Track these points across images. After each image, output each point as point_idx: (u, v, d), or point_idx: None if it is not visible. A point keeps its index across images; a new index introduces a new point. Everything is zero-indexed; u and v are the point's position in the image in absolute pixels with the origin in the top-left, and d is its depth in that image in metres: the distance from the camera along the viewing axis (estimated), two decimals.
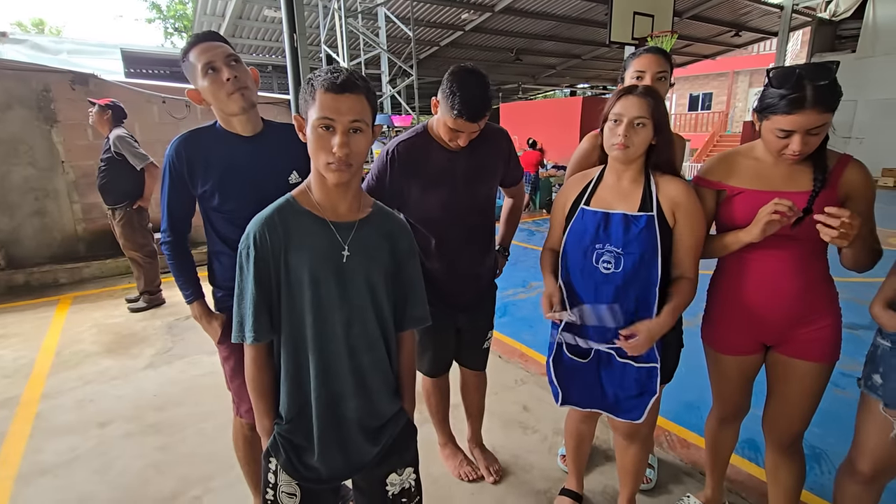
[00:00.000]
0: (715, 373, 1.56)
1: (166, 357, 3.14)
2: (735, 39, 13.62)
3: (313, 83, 0.96)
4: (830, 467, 2.01)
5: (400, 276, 1.12)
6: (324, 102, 0.94)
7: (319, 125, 0.95)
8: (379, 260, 1.07)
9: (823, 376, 1.37)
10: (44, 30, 23.19)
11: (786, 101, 1.15)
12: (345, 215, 1.05)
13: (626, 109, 1.29)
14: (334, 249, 1.02)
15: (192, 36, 1.34)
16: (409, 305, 1.14)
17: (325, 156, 0.96)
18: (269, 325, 1.03)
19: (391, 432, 1.15)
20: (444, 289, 1.70)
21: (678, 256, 1.36)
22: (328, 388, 1.05)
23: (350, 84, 0.94)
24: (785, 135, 1.19)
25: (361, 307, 1.05)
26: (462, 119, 1.44)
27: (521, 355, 3.10)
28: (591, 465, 2.07)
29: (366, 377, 1.08)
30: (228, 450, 2.07)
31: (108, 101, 3.73)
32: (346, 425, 1.08)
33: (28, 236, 4.76)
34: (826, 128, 1.19)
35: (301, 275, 1.00)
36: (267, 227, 1.00)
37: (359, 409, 1.08)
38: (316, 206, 1.04)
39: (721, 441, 1.67)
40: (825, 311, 1.34)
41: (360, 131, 0.97)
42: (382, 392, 1.11)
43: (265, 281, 1.01)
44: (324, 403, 1.05)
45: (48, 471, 2.09)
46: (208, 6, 9.09)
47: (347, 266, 1.02)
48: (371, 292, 1.06)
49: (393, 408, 1.15)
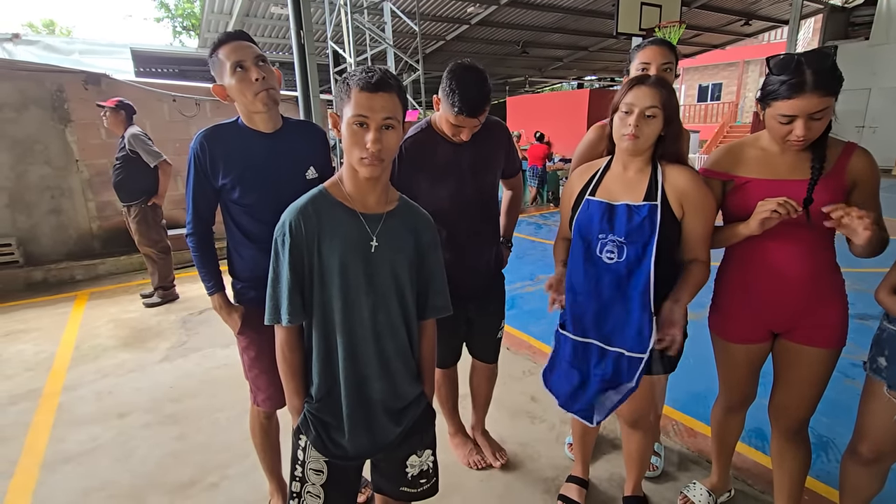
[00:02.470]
0: (722, 361, 1.58)
1: (181, 350, 3.21)
2: (745, 28, 13.40)
3: (349, 82, 1.02)
4: (838, 455, 2.02)
5: (422, 267, 1.17)
6: (358, 101, 0.99)
7: (354, 122, 1.00)
8: (404, 251, 1.12)
9: (830, 362, 1.39)
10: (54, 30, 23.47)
11: (786, 86, 1.17)
12: (373, 207, 1.11)
13: (637, 99, 1.29)
14: (363, 239, 1.08)
15: (222, 34, 1.38)
16: (430, 295, 1.20)
17: (358, 151, 1.02)
18: (301, 309, 1.09)
19: (413, 414, 1.20)
20: (453, 279, 1.73)
21: (689, 245, 1.38)
22: (356, 369, 1.12)
23: (383, 83, 1.00)
24: (787, 120, 1.20)
25: (386, 295, 1.10)
26: (462, 115, 1.49)
27: (529, 347, 3.13)
28: (598, 453, 2.10)
29: (390, 361, 1.13)
30: (243, 439, 2.14)
31: (116, 101, 3.78)
32: (372, 406, 1.14)
33: (45, 234, 4.87)
34: (828, 112, 1.19)
35: (332, 262, 1.06)
36: (302, 216, 1.06)
37: (384, 390, 1.14)
38: (347, 198, 1.10)
39: (727, 429, 1.69)
40: (832, 298, 1.36)
41: (392, 128, 1.03)
42: (405, 375, 1.17)
43: (299, 266, 1.07)
44: (352, 384, 1.11)
45: (72, 458, 2.16)
46: (216, 4, 9.15)
47: (375, 255, 1.08)
48: (396, 281, 1.11)
49: (414, 391, 1.21)
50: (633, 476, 1.71)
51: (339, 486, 1.19)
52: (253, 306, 1.55)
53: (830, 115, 1.21)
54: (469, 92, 1.46)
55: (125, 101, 3.84)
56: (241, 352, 1.63)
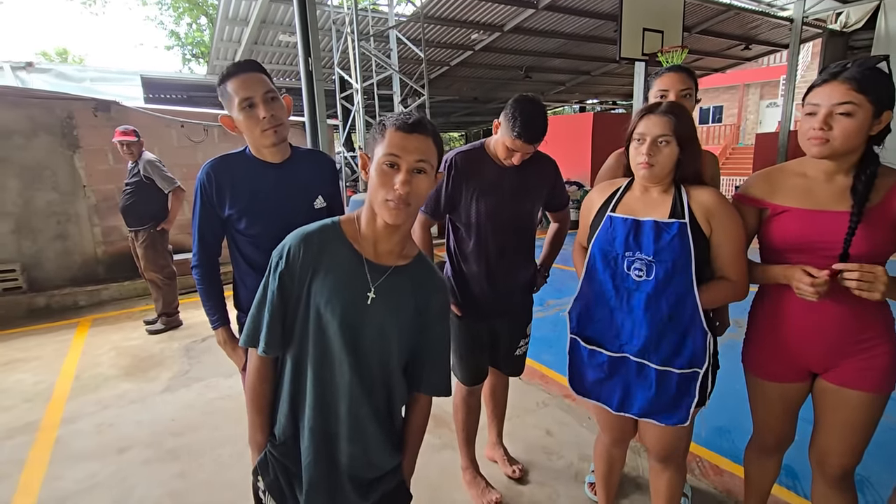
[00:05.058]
0: (757, 400, 1.48)
1: (184, 380, 3.13)
2: (745, 53, 13.57)
3: (384, 123, 0.97)
4: (877, 498, 1.91)
5: (425, 336, 1.07)
6: (392, 140, 0.94)
7: (385, 162, 0.95)
8: (401, 312, 1.02)
9: (877, 407, 1.27)
10: (67, 58, 24.01)
11: (822, 76, 1.15)
12: (383, 257, 1.02)
13: (648, 129, 1.29)
14: (360, 288, 0.99)
15: (232, 65, 1.35)
16: (427, 368, 1.08)
17: (384, 192, 0.95)
18: (280, 340, 1.01)
19: (384, 490, 1.07)
20: (481, 294, 1.82)
21: (719, 264, 1.32)
22: (324, 424, 1.01)
23: (420, 125, 0.96)
24: (813, 110, 1.16)
25: (369, 352, 1.00)
26: (521, 140, 1.59)
27: (542, 377, 3.03)
28: (621, 494, 1.99)
29: (363, 423, 1.01)
30: (245, 477, 2.03)
31: (132, 132, 3.77)
32: (337, 469, 1.02)
33: (49, 259, 4.85)
34: (860, 113, 1.11)
35: (319, 300, 0.97)
36: (304, 243, 1.00)
37: (352, 455, 1.02)
38: (358, 240, 1.02)
39: (762, 472, 1.58)
40: (880, 337, 1.25)
41: (424, 172, 0.96)
42: (381, 443, 1.04)
43: (286, 293, 1.00)
44: (317, 439, 1.01)
45: (68, 498, 2.07)
46: (225, 33, 9.34)
47: (368, 308, 0.99)
48: (382, 340, 1.01)
49: (390, 463, 1.08)
50: None
51: None
52: None
53: (863, 121, 1.12)
54: (530, 120, 1.57)
55: (134, 128, 3.85)
56: (245, 387, 1.56)
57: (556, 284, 3.45)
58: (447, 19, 9.44)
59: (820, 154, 1.18)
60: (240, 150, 1.46)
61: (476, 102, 14.92)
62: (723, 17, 10.83)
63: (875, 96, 1.10)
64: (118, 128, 3.81)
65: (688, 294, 1.28)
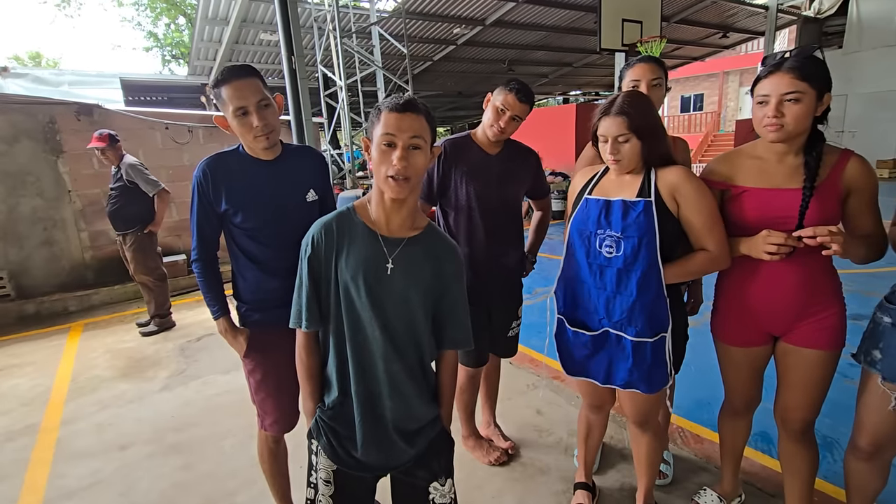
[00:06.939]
0: (725, 365, 1.60)
1: (181, 378, 3.17)
2: (723, 41, 13.79)
3: (380, 107, 1.07)
4: (842, 455, 2.04)
5: (443, 297, 1.18)
6: (387, 121, 1.05)
7: (383, 141, 1.05)
8: (419, 277, 1.13)
9: (831, 364, 1.41)
10: (41, 62, 23.47)
11: (766, 68, 1.26)
12: (396, 231, 1.13)
13: (607, 130, 1.39)
14: (379, 261, 1.11)
15: (226, 69, 1.39)
16: (449, 326, 1.20)
17: (385, 168, 1.06)
18: (318, 317, 1.15)
19: (427, 437, 1.20)
20: (474, 275, 1.92)
21: (695, 237, 1.40)
22: (366, 385, 1.14)
23: (411, 105, 1.06)
24: (763, 100, 1.26)
25: (394, 317, 1.12)
26: (512, 95, 1.74)
27: (532, 360, 3.13)
28: (608, 464, 2.10)
29: (399, 381, 1.14)
30: (249, 466, 2.11)
31: (107, 136, 3.73)
32: (384, 423, 1.15)
33: (37, 266, 4.82)
34: (806, 99, 1.22)
35: (346, 276, 1.11)
36: (324, 231, 1.12)
37: (394, 409, 1.15)
38: (370, 219, 1.14)
39: (734, 433, 1.70)
40: (829, 300, 1.38)
41: (419, 148, 1.07)
42: (418, 397, 1.17)
43: (316, 277, 1.14)
44: (363, 399, 1.13)
45: (73, 494, 2.12)
46: (205, 33, 9.25)
47: (389, 278, 1.11)
48: (406, 305, 1.12)
49: (429, 414, 1.21)
50: (643, 483, 1.71)
51: (347, 501, 1.20)
52: (257, 329, 1.57)
53: (809, 105, 1.23)
54: (522, 84, 1.78)
55: (109, 132, 3.80)
56: (247, 375, 1.62)
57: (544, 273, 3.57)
58: (429, 14, 9.46)
59: (777, 139, 1.28)
60: (234, 147, 1.52)
61: (460, 97, 14.97)
62: (700, 5, 10.99)
63: (816, 81, 1.22)
64: (95, 133, 3.77)
65: (653, 267, 1.38)
